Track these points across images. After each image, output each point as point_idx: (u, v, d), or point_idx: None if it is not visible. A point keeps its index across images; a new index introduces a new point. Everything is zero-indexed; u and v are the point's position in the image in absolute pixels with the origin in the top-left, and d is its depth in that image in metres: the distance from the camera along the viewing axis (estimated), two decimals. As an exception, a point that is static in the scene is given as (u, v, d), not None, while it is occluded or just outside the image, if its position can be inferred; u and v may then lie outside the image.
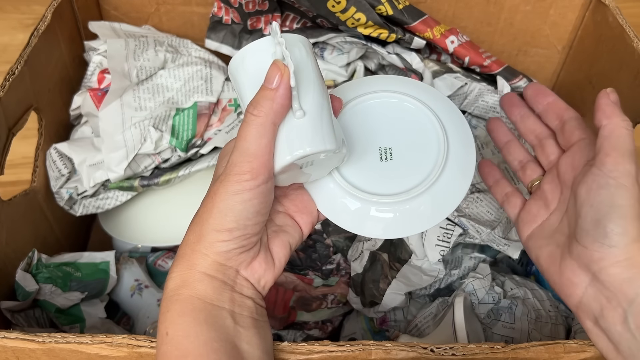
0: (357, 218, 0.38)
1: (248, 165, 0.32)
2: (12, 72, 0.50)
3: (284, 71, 0.32)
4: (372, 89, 0.41)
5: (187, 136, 0.58)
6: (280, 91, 0.32)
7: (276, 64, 0.32)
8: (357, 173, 0.39)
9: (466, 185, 0.38)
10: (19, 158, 0.60)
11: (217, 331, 0.33)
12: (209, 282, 0.34)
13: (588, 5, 0.66)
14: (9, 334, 0.36)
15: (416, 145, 0.39)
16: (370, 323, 0.57)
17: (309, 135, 0.33)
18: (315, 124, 0.34)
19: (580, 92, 0.69)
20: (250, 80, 0.35)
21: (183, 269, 0.34)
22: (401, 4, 0.59)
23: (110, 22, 0.66)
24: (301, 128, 0.33)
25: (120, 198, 0.59)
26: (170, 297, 0.34)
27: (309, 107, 0.34)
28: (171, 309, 0.33)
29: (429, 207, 0.38)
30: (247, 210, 0.33)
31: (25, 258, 0.51)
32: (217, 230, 0.33)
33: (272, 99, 0.32)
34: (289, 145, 0.33)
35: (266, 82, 0.33)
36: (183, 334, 0.32)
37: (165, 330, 0.33)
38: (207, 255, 0.34)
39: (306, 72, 0.34)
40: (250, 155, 0.32)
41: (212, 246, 0.34)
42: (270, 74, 0.32)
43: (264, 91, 0.33)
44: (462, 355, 0.36)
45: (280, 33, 0.32)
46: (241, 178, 0.32)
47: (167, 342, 0.32)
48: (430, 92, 0.41)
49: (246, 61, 0.35)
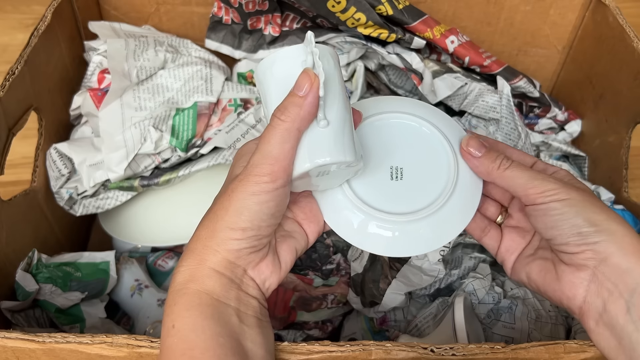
0: (360, 232, 0.39)
1: (269, 168, 0.33)
2: (12, 72, 0.50)
3: (314, 80, 0.33)
4: (393, 108, 0.41)
5: (187, 136, 0.58)
6: (309, 99, 0.33)
7: (307, 73, 0.33)
8: (366, 187, 0.39)
9: (469, 217, 0.39)
10: (19, 158, 0.60)
11: (223, 327, 0.33)
12: (218, 279, 0.34)
13: (588, 5, 0.66)
14: (9, 334, 0.36)
15: (427, 170, 0.40)
16: (370, 323, 0.57)
17: (331, 144, 0.34)
18: (338, 135, 0.34)
19: (580, 92, 0.69)
20: (278, 85, 0.35)
21: (193, 264, 0.34)
22: (401, 4, 0.59)
23: (110, 22, 0.66)
24: (324, 137, 0.34)
25: (120, 198, 0.59)
26: (178, 290, 0.34)
27: (333, 118, 0.34)
28: (179, 302, 0.33)
29: (430, 231, 0.38)
30: (262, 211, 0.34)
31: (25, 258, 0.51)
32: (231, 228, 0.34)
33: (300, 106, 0.33)
34: (310, 153, 0.34)
35: (296, 89, 0.33)
36: (190, 327, 0.32)
37: (172, 323, 0.33)
38: (218, 252, 0.34)
39: (333, 84, 0.35)
40: (272, 158, 0.33)
41: (224, 243, 0.34)
42: (300, 81, 0.33)
43: (292, 97, 0.33)
44: (462, 356, 0.36)
45: (314, 43, 0.33)
46: (261, 179, 0.33)
47: (174, 335, 0.33)
48: (449, 122, 0.41)
49: (275, 66, 0.35)
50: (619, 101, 0.61)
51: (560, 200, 0.34)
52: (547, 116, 0.67)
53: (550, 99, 0.66)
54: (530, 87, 0.64)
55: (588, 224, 0.33)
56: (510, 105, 0.60)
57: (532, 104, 0.67)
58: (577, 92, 0.70)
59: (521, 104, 0.68)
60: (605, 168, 0.63)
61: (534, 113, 0.68)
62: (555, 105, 0.66)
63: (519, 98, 0.67)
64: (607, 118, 0.63)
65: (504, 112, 0.60)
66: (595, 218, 0.33)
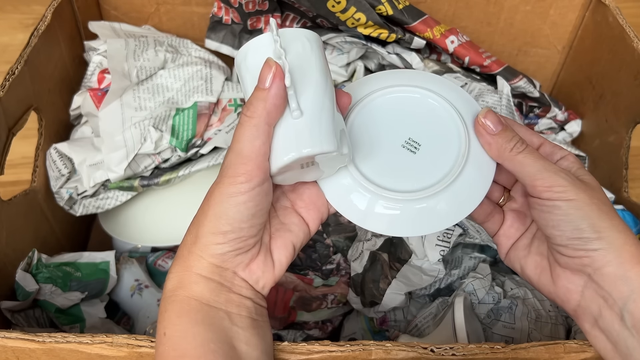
0: (364, 211, 0.37)
1: (242, 167, 0.32)
2: (12, 72, 0.50)
3: (277, 70, 0.31)
4: (391, 83, 0.39)
5: (187, 136, 0.58)
6: (272, 91, 0.31)
7: (268, 63, 0.31)
8: (370, 165, 0.37)
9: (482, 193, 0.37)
10: (19, 158, 0.60)
11: (215, 332, 0.33)
12: (205, 284, 0.33)
13: (588, 5, 0.66)
14: (9, 334, 0.36)
15: (436, 142, 0.37)
16: (370, 323, 0.56)
17: (306, 136, 0.32)
18: (314, 125, 0.32)
19: (580, 92, 0.69)
20: (253, 77, 0.33)
21: (180, 270, 0.34)
22: (401, 4, 0.59)
23: (110, 22, 0.66)
24: (298, 128, 0.32)
25: (120, 198, 0.59)
26: (168, 297, 0.34)
27: (308, 107, 0.32)
28: (169, 309, 0.33)
29: (444, 206, 0.36)
30: (241, 213, 0.32)
31: (25, 258, 0.51)
32: (212, 233, 0.33)
33: (265, 100, 0.31)
34: (285, 146, 0.32)
35: (259, 83, 0.32)
36: (180, 334, 0.32)
37: (163, 331, 0.33)
38: (203, 258, 0.33)
39: (307, 69, 0.33)
40: (244, 157, 0.32)
41: (207, 249, 0.33)
42: (262, 74, 0.32)
43: (256, 92, 0.32)
44: (462, 356, 0.36)
45: (277, 30, 0.31)
46: (235, 180, 0.32)
47: (165, 342, 0.32)
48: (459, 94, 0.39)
49: (248, 58, 0.34)
50: (619, 101, 0.61)
51: (566, 200, 0.33)
52: (547, 116, 0.67)
53: (550, 99, 0.66)
54: (530, 87, 0.64)
55: (591, 230, 0.32)
56: (510, 105, 0.60)
57: (532, 104, 0.67)
58: (577, 92, 0.70)
59: (521, 104, 0.68)
60: (605, 168, 0.63)
61: (534, 113, 0.68)
62: (555, 105, 0.66)
63: (519, 98, 0.67)
64: (607, 118, 0.63)
65: (504, 112, 0.60)
66: (600, 225, 0.32)
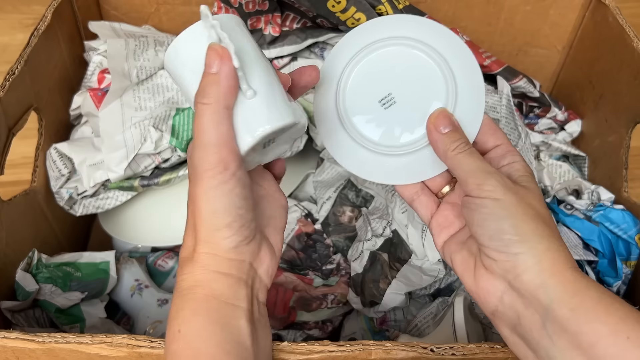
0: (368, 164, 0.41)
1: (216, 157, 0.31)
2: (12, 72, 0.50)
3: (223, 53, 0.31)
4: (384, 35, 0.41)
5: (187, 136, 0.58)
6: (224, 73, 0.31)
7: (213, 48, 0.31)
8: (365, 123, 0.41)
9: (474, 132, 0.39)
10: (19, 158, 0.60)
11: (231, 333, 0.32)
12: (225, 280, 0.33)
13: (588, 5, 0.66)
14: (9, 334, 0.36)
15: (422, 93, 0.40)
16: (370, 323, 0.57)
17: (265, 113, 0.32)
18: (269, 101, 0.33)
19: (580, 92, 0.69)
20: (192, 71, 0.33)
21: (196, 270, 0.33)
22: (401, 4, 0.59)
23: (110, 22, 0.66)
24: (256, 107, 0.32)
25: (120, 198, 0.59)
26: (185, 295, 0.33)
27: (259, 85, 0.33)
28: (185, 307, 0.32)
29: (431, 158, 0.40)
30: (234, 200, 0.32)
31: (25, 258, 0.51)
32: (217, 230, 0.32)
33: (218, 83, 0.31)
34: (247, 127, 0.32)
35: (207, 68, 0.31)
36: (196, 333, 0.32)
37: (178, 328, 0.32)
38: (217, 255, 0.33)
39: (246, 51, 0.33)
40: (215, 147, 0.31)
41: (218, 247, 0.33)
42: (209, 59, 0.31)
43: (207, 77, 0.31)
44: (462, 355, 0.36)
45: (211, 15, 0.31)
46: (214, 172, 0.31)
47: (179, 340, 0.32)
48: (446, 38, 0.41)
49: (181, 52, 0.34)
50: (619, 101, 0.61)
51: (493, 199, 0.33)
52: (547, 116, 0.67)
53: (550, 99, 0.66)
54: (530, 87, 0.64)
55: (514, 231, 0.32)
56: (510, 105, 0.60)
57: (532, 104, 0.67)
58: (577, 92, 0.70)
59: (521, 104, 0.68)
60: (605, 168, 0.63)
61: (534, 113, 0.68)
62: (555, 105, 0.66)
63: (519, 98, 0.67)
64: (607, 118, 0.63)
65: (503, 112, 0.60)
66: (523, 227, 0.32)
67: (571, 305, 0.31)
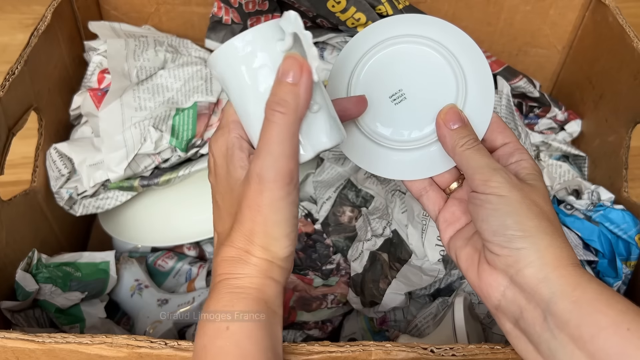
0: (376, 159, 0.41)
1: (286, 169, 0.31)
2: (12, 72, 0.50)
3: (304, 65, 0.31)
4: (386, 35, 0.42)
5: (187, 136, 0.58)
6: (304, 86, 0.31)
7: (296, 59, 0.31)
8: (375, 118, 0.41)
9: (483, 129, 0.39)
10: (19, 158, 0.60)
11: (272, 340, 0.33)
12: (275, 287, 0.34)
13: (588, 5, 0.66)
14: (9, 334, 0.36)
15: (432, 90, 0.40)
16: (370, 323, 0.56)
17: (326, 129, 0.33)
18: (331, 117, 0.34)
19: (580, 92, 0.69)
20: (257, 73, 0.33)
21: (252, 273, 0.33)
22: (401, 4, 0.59)
23: (110, 22, 0.66)
24: (318, 122, 0.33)
25: (120, 198, 0.59)
26: (238, 293, 0.33)
27: (321, 101, 0.33)
28: (237, 305, 0.33)
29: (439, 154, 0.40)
30: (293, 211, 0.33)
31: (25, 258, 0.51)
32: (276, 239, 0.33)
33: (298, 95, 0.31)
34: (310, 141, 0.33)
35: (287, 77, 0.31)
36: (246, 334, 0.32)
37: (226, 325, 0.32)
38: (273, 262, 0.33)
39: None
40: (287, 158, 0.31)
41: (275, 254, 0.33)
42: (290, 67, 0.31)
43: (285, 86, 0.31)
44: (462, 356, 0.36)
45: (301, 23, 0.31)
46: (282, 183, 0.31)
47: (227, 337, 0.32)
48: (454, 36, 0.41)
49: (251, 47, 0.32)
50: (619, 101, 0.61)
51: (498, 196, 0.34)
52: (547, 116, 0.67)
53: (550, 99, 0.66)
54: (530, 87, 0.64)
55: (517, 227, 0.33)
56: (510, 105, 0.60)
57: (532, 104, 0.67)
58: (577, 92, 0.70)
59: (521, 104, 0.68)
60: (605, 168, 0.63)
61: (534, 113, 0.68)
62: (555, 105, 0.66)
63: (519, 98, 0.67)
64: (607, 118, 0.63)
65: (503, 112, 0.60)
66: (526, 224, 0.33)
67: (572, 298, 0.31)
